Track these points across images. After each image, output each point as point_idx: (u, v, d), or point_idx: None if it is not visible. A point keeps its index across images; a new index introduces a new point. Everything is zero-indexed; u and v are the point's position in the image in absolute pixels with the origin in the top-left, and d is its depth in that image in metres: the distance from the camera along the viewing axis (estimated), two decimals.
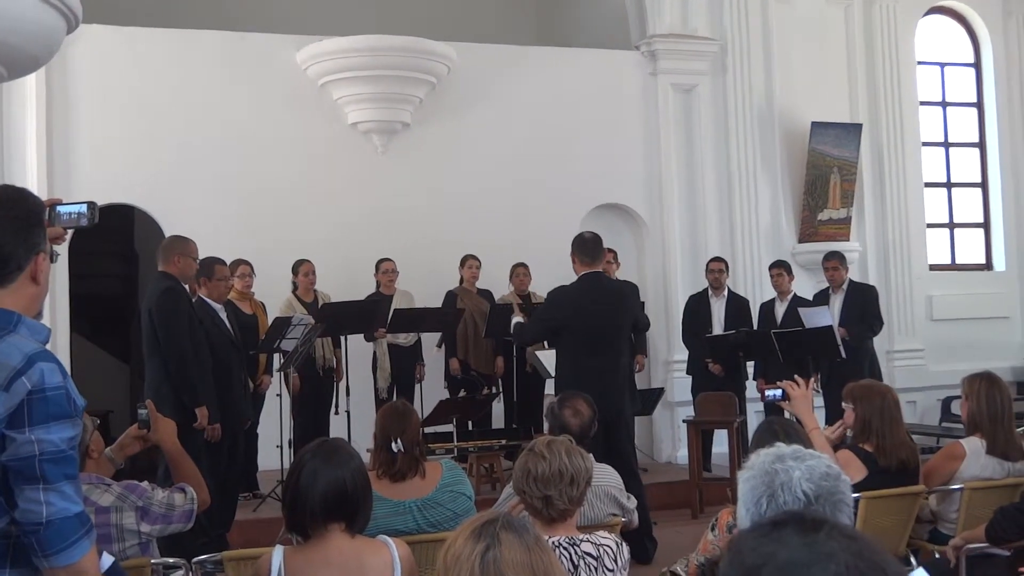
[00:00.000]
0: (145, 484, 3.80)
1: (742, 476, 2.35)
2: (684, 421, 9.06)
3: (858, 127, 11.17)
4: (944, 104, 12.39)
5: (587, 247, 6.88)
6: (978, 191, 12.46)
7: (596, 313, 6.75)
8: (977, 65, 12.49)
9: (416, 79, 9.82)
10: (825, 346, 8.52)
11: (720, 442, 9.10)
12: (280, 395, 8.37)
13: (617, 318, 6.92)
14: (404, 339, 9.30)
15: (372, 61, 9.61)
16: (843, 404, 5.06)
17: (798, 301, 9.38)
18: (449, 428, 8.53)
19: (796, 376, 4.91)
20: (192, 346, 6.59)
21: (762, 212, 10.94)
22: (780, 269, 9.59)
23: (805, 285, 10.34)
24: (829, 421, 8.77)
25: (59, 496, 2.26)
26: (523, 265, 9.64)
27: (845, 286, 9.39)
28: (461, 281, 9.64)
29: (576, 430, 4.67)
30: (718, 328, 9.35)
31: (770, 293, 9.81)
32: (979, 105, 12.48)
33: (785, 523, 1.32)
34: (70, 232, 3.10)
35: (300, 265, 8.96)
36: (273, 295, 8.84)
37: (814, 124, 10.91)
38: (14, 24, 4.93)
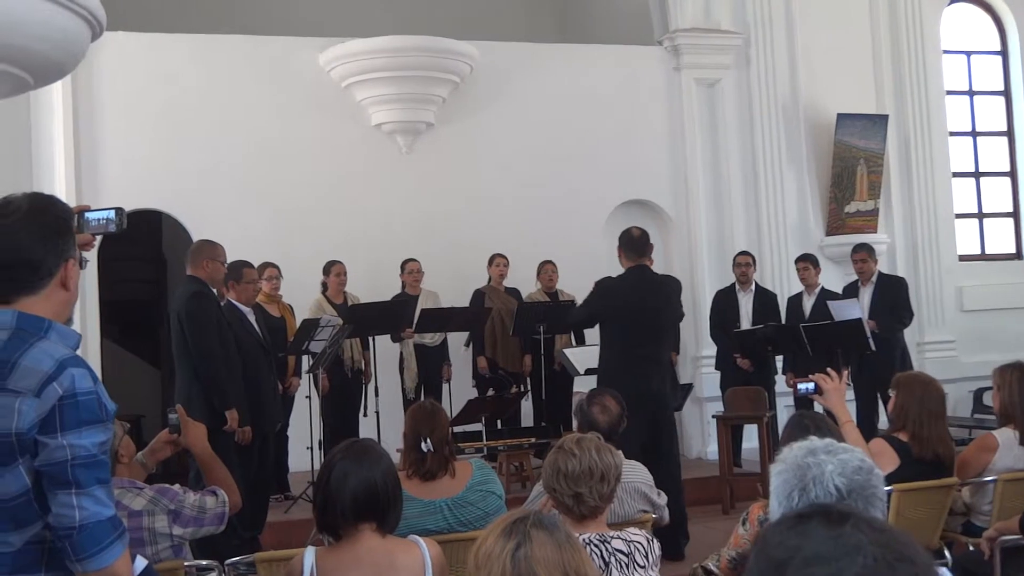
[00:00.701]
0: (177, 487, 3.82)
1: (774, 469, 2.33)
2: (714, 416, 9.04)
3: (884, 118, 11.09)
4: (971, 93, 12.29)
5: (634, 243, 6.90)
6: (1007, 180, 12.35)
7: (643, 305, 6.78)
8: (1004, 52, 12.38)
9: (439, 79, 9.83)
10: (855, 339, 8.45)
11: (750, 437, 9.07)
12: (309, 397, 8.40)
13: (663, 311, 6.96)
14: (430, 339, 9.30)
15: (395, 62, 9.63)
16: (889, 391, 5.05)
17: (826, 294, 9.32)
18: (478, 427, 8.53)
19: (829, 369, 4.88)
20: (221, 349, 6.62)
21: (789, 205, 10.89)
22: (806, 263, 9.53)
23: (833, 278, 10.28)
24: (860, 414, 8.74)
25: (92, 500, 2.27)
26: (551, 263, 9.63)
27: (874, 278, 9.33)
28: (489, 280, 9.64)
29: (605, 427, 4.67)
30: (746, 323, 9.31)
31: (798, 287, 9.75)
32: (1006, 93, 12.37)
33: (811, 516, 1.31)
34: (99, 238, 3.12)
35: (332, 266, 8.98)
36: (300, 297, 8.87)
37: (840, 116, 10.84)
38: (39, 31, 4.96)
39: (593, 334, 8.29)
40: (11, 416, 2.25)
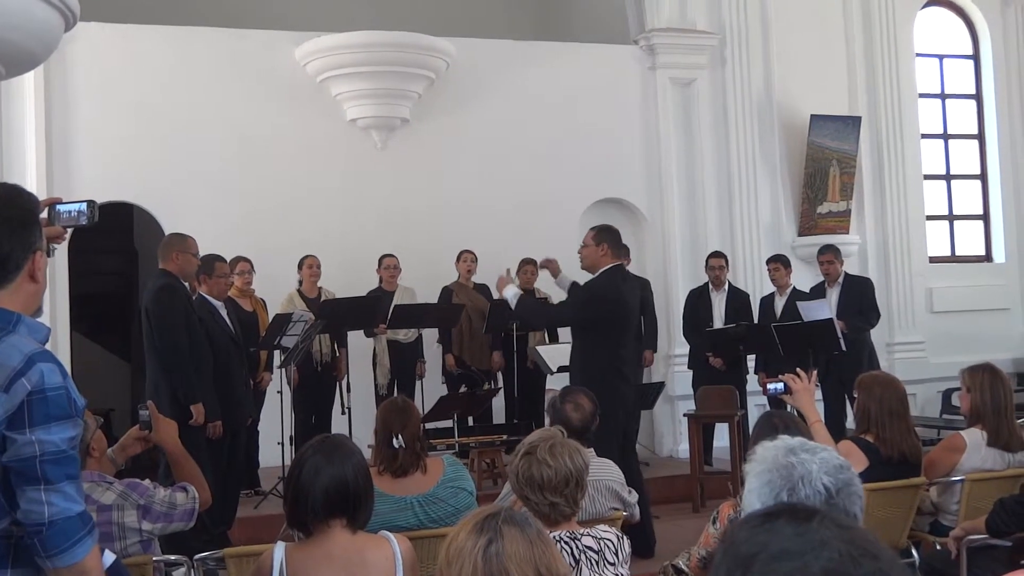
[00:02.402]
0: (147, 482, 3.81)
1: (752, 470, 2.31)
2: (685, 415, 9.07)
3: (857, 120, 11.16)
4: (943, 96, 12.39)
5: (618, 239, 6.88)
6: (977, 183, 12.46)
7: (630, 305, 6.79)
8: (976, 57, 12.49)
9: (415, 75, 9.81)
10: (825, 339, 8.51)
11: (721, 436, 9.10)
12: (281, 392, 8.37)
13: (639, 312, 6.99)
14: (404, 335, 9.28)
15: (370, 57, 9.60)
16: (853, 393, 5.09)
17: (797, 295, 9.37)
18: (450, 424, 8.52)
19: (798, 369, 4.90)
20: (190, 343, 6.57)
21: (762, 206, 10.94)
22: (777, 264, 9.58)
23: (805, 278, 10.33)
24: (828, 415, 8.79)
25: (61, 496, 2.25)
26: (531, 262, 9.56)
27: (841, 279, 9.39)
28: (458, 276, 9.62)
29: (578, 424, 4.68)
30: (719, 322, 9.35)
31: (770, 287, 9.80)
32: (978, 97, 12.48)
33: (778, 514, 1.32)
34: (70, 231, 3.10)
35: (304, 259, 8.96)
36: (273, 292, 8.84)
37: (813, 117, 10.90)
38: (12, 21, 4.93)
39: (566, 332, 8.31)
40: None
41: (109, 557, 3.15)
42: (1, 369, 2.25)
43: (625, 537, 3.41)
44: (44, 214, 2.91)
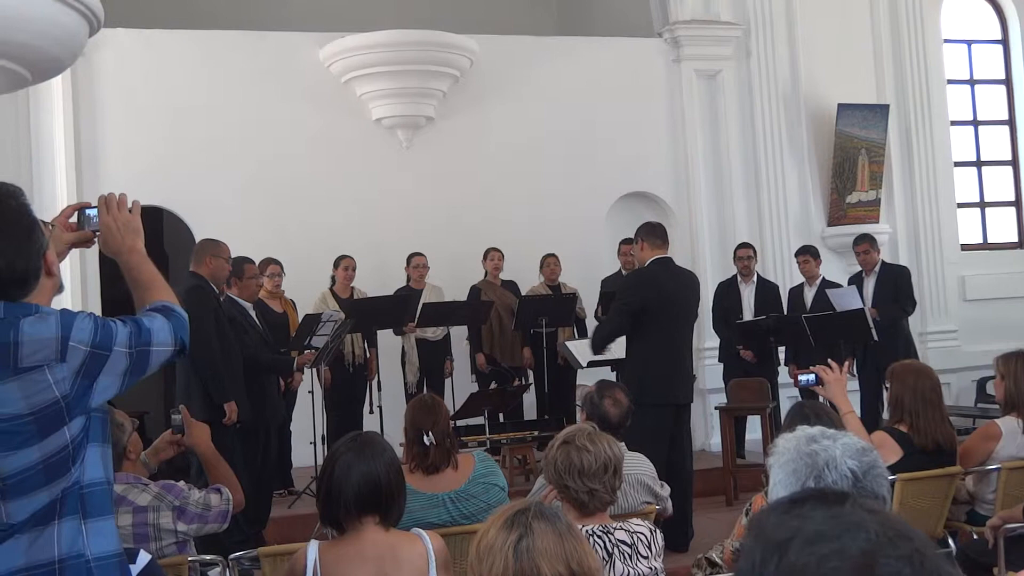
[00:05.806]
0: (182, 484, 3.84)
1: (776, 461, 2.31)
2: (717, 408, 9.04)
3: (885, 108, 11.07)
4: (972, 82, 12.27)
5: (657, 231, 6.90)
6: (1009, 169, 12.33)
7: (676, 296, 6.76)
8: (1004, 41, 12.36)
9: (439, 73, 9.81)
10: (857, 329, 8.44)
11: (753, 428, 9.07)
12: (312, 392, 8.40)
13: (691, 303, 6.98)
14: (432, 333, 9.30)
15: (394, 56, 9.61)
16: (885, 384, 5.05)
17: (827, 285, 9.31)
18: (481, 421, 8.53)
19: (829, 360, 4.87)
20: (220, 343, 6.59)
21: (790, 196, 10.87)
22: (806, 255, 9.50)
23: (835, 269, 10.28)
24: (863, 405, 8.74)
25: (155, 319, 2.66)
26: (553, 255, 9.62)
27: (878, 268, 9.32)
28: (485, 274, 9.63)
29: (615, 420, 4.68)
30: (748, 314, 9.30)
31: (800, 278, 9.74)
32: (1007, 82, 12.34)
33: (805, 500, 1.32)
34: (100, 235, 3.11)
35: (340, 260, 8.98)
36: (302, 293, 8.87)
37: (840, 106, 10.82)
38: (36, 27, 4.97)
39: (593, 326, 8.31)
40: (50, 388, 2.25)
41: (144, 557, 3.17)
42: (45, 343, 2.27)
43: (658, 530, 3.41)
44: (74, 219, 2.93)
